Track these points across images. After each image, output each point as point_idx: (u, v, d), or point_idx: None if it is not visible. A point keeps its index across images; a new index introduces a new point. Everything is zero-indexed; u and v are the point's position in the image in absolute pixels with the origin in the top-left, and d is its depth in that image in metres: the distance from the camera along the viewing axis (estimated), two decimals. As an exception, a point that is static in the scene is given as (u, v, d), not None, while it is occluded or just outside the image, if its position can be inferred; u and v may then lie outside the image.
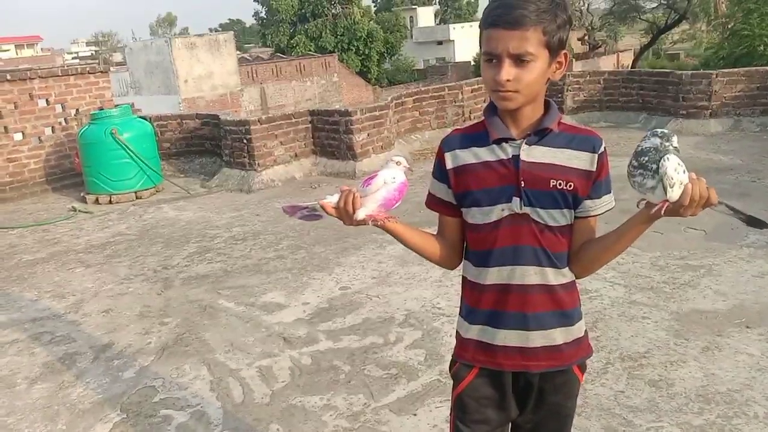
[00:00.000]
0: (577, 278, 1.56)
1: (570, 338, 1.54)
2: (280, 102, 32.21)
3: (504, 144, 1.47)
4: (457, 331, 1.64)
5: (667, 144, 1.30)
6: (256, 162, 7.20)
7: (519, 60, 1.37)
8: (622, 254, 1.28)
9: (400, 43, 44.98)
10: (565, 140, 1.48)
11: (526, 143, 1.46)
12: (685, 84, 8.35)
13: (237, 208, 6.45)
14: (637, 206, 1.40)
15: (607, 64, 36.47)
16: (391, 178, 1.47)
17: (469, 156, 1.51)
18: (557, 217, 1.47)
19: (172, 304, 4.20)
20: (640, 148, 1.33)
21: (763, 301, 3.57)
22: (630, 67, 32.13)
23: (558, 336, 1.52)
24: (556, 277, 1.50)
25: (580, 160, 1.46)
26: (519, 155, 1.45)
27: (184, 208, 6.65)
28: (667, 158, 1.28)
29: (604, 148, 1.49)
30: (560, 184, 1.45)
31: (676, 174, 1.28)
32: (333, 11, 42.81)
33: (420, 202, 1.64)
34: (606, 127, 9.07)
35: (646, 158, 1.31)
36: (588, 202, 1.49)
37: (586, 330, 1.60)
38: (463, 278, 1.61)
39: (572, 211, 1.49)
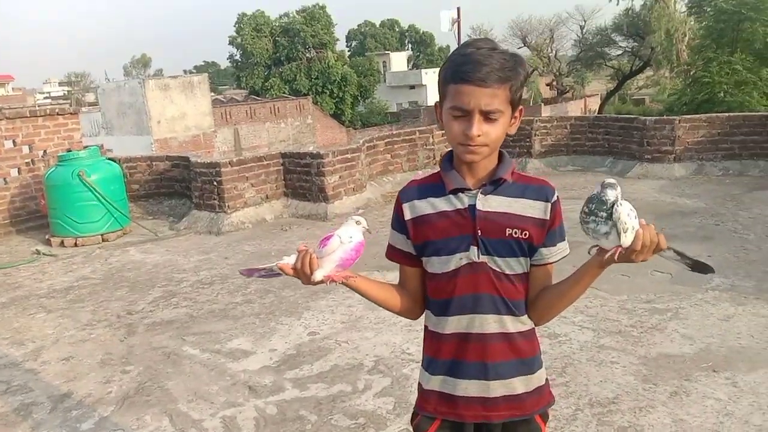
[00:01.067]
0: (536, 325, 1.57)
1: (531, 387, 1.54)
2: (254, 143, 32.30)
3: (460, 194, 1.49)
4: (419, 383, 1.62)
5: (603, 194, 1.34)
6: (226, 204, 7.14)
7: (488, 116, 1.40)
8: (590, 297, 1.30)
9: (374, 87, 45.71)
10: (519, 190, 1.50)
11: (481, 193, 1.48)
12: (649, 129, 8.57)
13: (205, 251, 6.37)
14: (589, 253, 1.43)
15: (574, 108, 37.43)
16: (347, 237, 1.47)
17: (426, 206, 1.52)
18: (513, 266, 1.49)
19: (135, 351, 4.09)
20: (589, 196, 1.38)
21: (728, 345, 3.60)
22: (597, 111, 33.05)
23: (518, 385, 1.51)
24: (515, 324, 1.51)
25: (534, 209, 1.49)
26: (475, 205, 1.47)
27: (151, 250, 6.54)
28: (621, 203, 1.32)
29: (557, 197, 1.52)
30: (516, 233, 1.47)
31: (629, 219, 1.32)
32: (307, 55, 43.43)
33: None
34: (573, 170, 9.24)
35: (594, 205, 1.35)
36: (543, 250, 1.50)
37: (547, 378, 1.60)
38: (425, 328, 1.60)
39: (528, 259, 1.51)
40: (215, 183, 7.17)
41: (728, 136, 8.34)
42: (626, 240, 1.32)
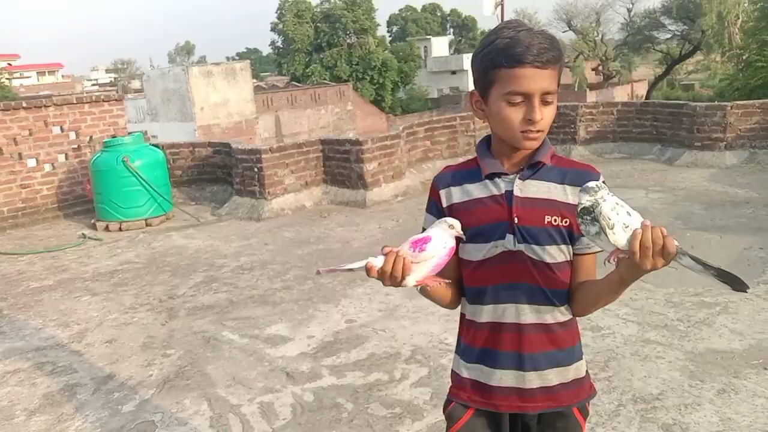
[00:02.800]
0: (576, 316, 1.50)
1: (568, 378, 1.48)
2: (295, 130, 32.50)
3: (497, 179, 1.44)
4: (452, 370, 1.58)
5: (591, 198, 1.24)
6: (267, 190, 7.19)
7: (545, 98, 1.35)
8: (635, 290, 1.23)
9: (414, 73, 45.39)
10: (559, 174, 1.44)
11: (519, 178, 1.43)
12: (699, 116, 8.27)
13: (246, 236, 6.43)
14: (604, 264, 1.33)
15: (621, 94, 36.52)
16: (443, 243, 1.37)
17: (462, 193, 1.48)
18: (554, 254, 1.43)
19: (176, 335, 4.15)
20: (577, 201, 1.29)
21: (781, 342, 3.45)
22: (644, 97, 32.18)
23: (555, 377, 1.47)
24: (554, 315, 1.46)
25: (575, 195, 1.40)
26: (512, 191, 1.42)
27: (193, 236, 6.64)
28: (604, 199, 1.22)
29: (603, 182, 1.44)
30: (555, 220, 1.41)
31: (614, 214, 1.20)
32: (348, 41, 43.37)
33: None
34: (620, 158, 9.00)
35: (579, 208, 1.25)
36: (585, 239, 1.43)
37: (587, 370, 1.54)
38: (461, 315, 1.56)
39: (570, 247, 1.44)
40: (256, 169, 7.22)
41: (784, 122, 7.99)
42: (616, 239, 1.20)
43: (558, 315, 1.46)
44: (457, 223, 1.37)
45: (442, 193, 1.50)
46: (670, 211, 6.22)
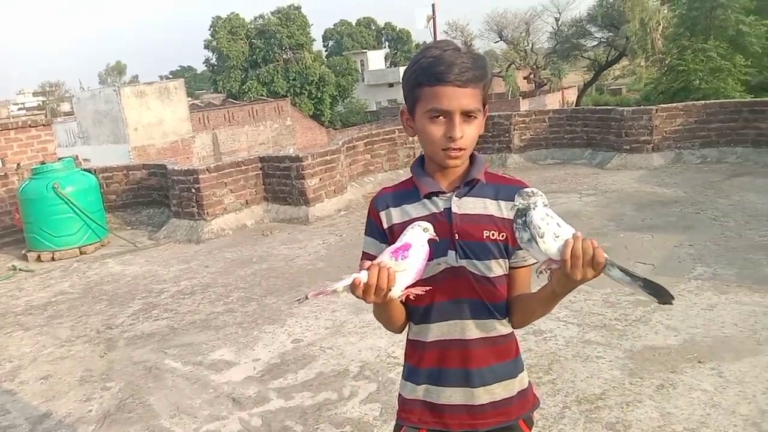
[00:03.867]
0: (514, 328, 1.53)
1: (514, 392, 1.51)
2: (233, 147, 32.04)
3: (434, 198, 1.47)
4: (399, 394, 1.58)
5: (526, 201, 1.27)
6: (205, 211, 7.05)
7: (467, 116, 1.38)
8: (574, 292, 1.25)
9: (352, 86, 45.60)
10: (493, 191, 1.48)
11: (456, 195, 1.45)
12: (627, 120, 8.61)
13: (185, 260, 6.28)
14: (537, 275, 1.35)
15: (552, 101, 37.61)
16: (422, 247, 1.34)
17: (402, 214, 1.49)
18: (493, 268, 1.46)
19: (116, 366, 4.00)
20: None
21: (713, 335, 3.61)
22: (575, 103, 33.25)
23: (502, 390, 1.49)
24: (497, 328, 1.49)
25: (508, 210, 1.45)
26: (450, 208, 1.44)
27: (131, 262, 6.43)
28: (534, 208, 1.26)
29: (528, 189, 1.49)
30: (493, 235, 1.45)
31: (544, 224, 1.24)
32: (284, 56, 43.19)
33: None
34: (553, 164, 9.25)
35: (513, 213, 1.30)
36: (520, 252, 1.47)
37: (529, 381, 1.57)
38: (407, 339, 1.56)
39: (507, 261, 1.48)
40: (193, 190, 7.07)
41: (705, 123, 8.40)
42: (546, 248, 1.24)
43: (500, 328, 1.49)
44: (429, 226, 1.37)
45: (382, 214, 1.51)
46: (604, 213, 6.43)
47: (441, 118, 1.38)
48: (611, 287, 4.45)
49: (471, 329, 1.46)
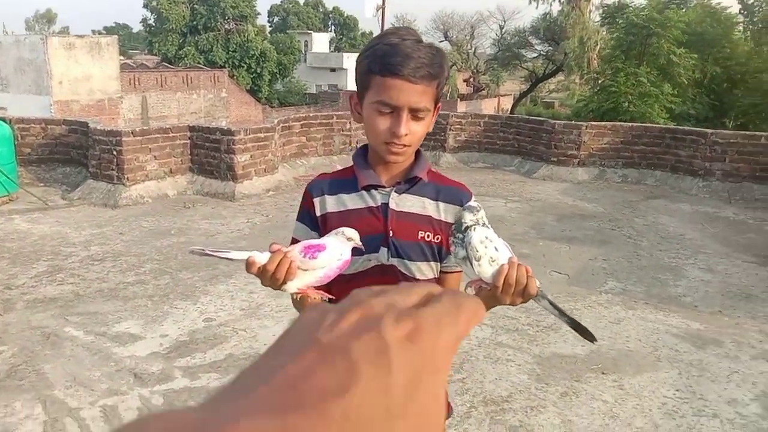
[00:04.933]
0: None
1: None
2: (163, 113, 30.91)
3: (373, 191, 1.42)
4: None
5: (473, 217, 1.24)
6: (126, 176, 6.75)
7: (416, 114, 1.32)
8: None
9: (293, 66, 44.85)
10: (434, 191, 1.44)
11: (395, 191, 1.41)
12: (557, 133, 8.85)
13: (99, 224, 5.98)
14: (464, 290, 1.29)
15: (488, 106, 38.32)
16: (338, 254, 1.28)
17: (337, 202, 1.43)
18: (424, 270, 1.42)
19: (11, 330, 3.76)
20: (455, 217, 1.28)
21: (617, 348, 3.75)
22: (510, 111, 34.01)
23: None
24: None
25: (447, 212, 1.43)
26: (388, 203, 1.40)
27: (39, 220, 6.07)
28: (475, 228, 1.22)
29: (474, 202, 1.46)
30: (428, 236, 1.41)
31: (482, 247, 1.21)
32: (226, 26, 41.98)
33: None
34: (484, 167, 9.42)
35: (454, 226, 1.27)
36: (452, 257, 1.44)
37: (446, 391, 1.55)
38: None
39: (439, 264, 1.45)
40: (115, 152, 6.75)
41: (630, 145, 8.75)
42: (481, 271, 1.21)
43: None
44: (355, 234, 1.29)
45: (316, 201, 1.45)
46: (526, 220, 6.59)
47: (388, 111, 1.32)
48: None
49: None
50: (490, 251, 1.21)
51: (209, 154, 7.25)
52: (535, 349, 3.71)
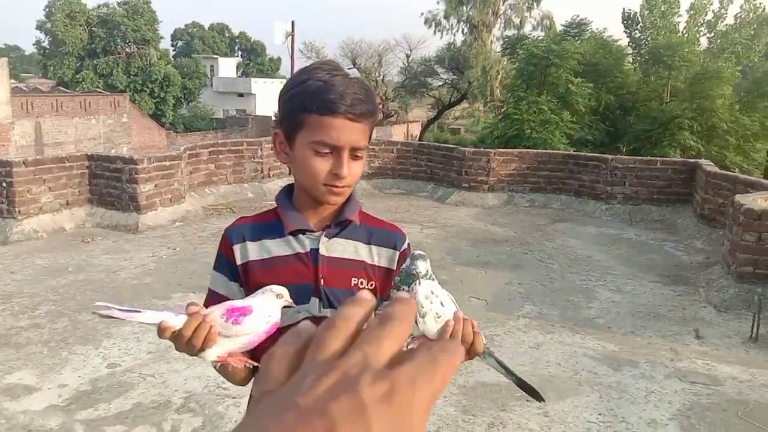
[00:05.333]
0: None
1: None
2: (59, 139, 29.23)
3: (301, 236, 1.29)
4: None
5: (413, 267, 1.14)
6: (17, 209, 6.23)
7: (355, 153, 1.23)
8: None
9: (199, 90, 43.88)
10: (366, 234, 1.34)
11: (325, 236, 1.30)
12: (467, 159, 9.04)
13: (-14, 263, 5.47)
14: (405, 347, 1.19)
15: (398, 132, 38.95)
16: (266, 317, 1.13)
17: (261, 249, 1.30)
18: None
19: None
20: (402, 266, 1.18)
21: (539, 373, 3.77)
22: (418, 137, 34.71)
23: None
24: None
25: (380, 257, 1.33)
26: (318, 249, 1.28)
27: None
28: (419, 282, 1.12)
29: (407, 245, 1.38)
30: (362, 283, 1.31)
31: (428, 303, 1.12)
32: (127, 50, 40.56)
33: (211, 263, 1.37)
34: (398, 194, 9.46)
35: (399, 278, 1.16)
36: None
37: None
38: (250, 396, 1.36)
39: (374, 312, 1.33)
40: (5, 184, 6.22)
41: (536, 170, 9.06)
42: (426, 328, 1.13)
43: None
44: (285, 292, 1.16)
45: (236, 248, 1.30)
46: (442, 246, 6.63)
47: (328, 152, 1.21)
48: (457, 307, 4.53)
49: None
50: (435, 307, 1.13)
51: (110, 184, 6.84)
52: (460, 380, 3.66)
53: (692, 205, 7.87)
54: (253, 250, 1.29)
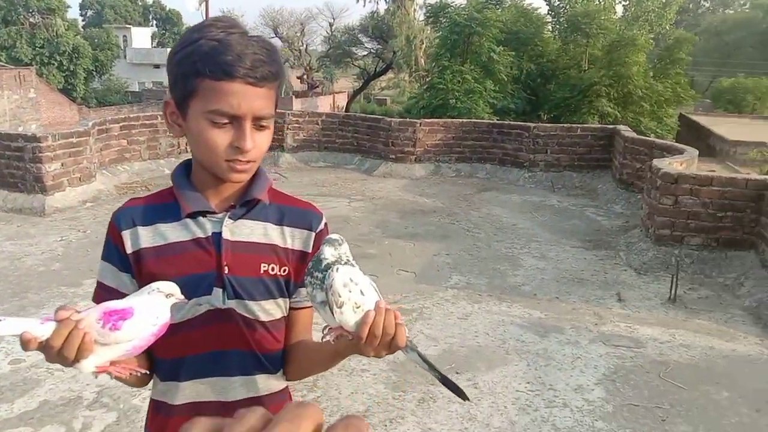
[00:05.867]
0: (288, 380, 1.27)
1: None
2: (-42, 117, 27.19)
3: (201, 218, 1.14)
4: None
5: (335, 252, 1.02)
6: None
7: (260, 123, 1.07)
8: None
9: (112, 62, 41.75)
10: (277, 213, 1.20)
11: (229, 217, 1.15)
12: (394, 130, 8.94)
13: None
14: (322, 335, 1.07)
15: (324, 103, 38.47)
16: (152, 320, 0.97)
17: (154, 235, 1.14)
18: (270, 310, 1.18)
19: None
20: (317, 252, 1.05)
21: (468, 344, 3.76)
22: (344, 108, 34.40)
23: None
24: (268, 384, 1.21)
25: (294, 238, 1.20)
26: (221, 233, 1.13)
27: None
28: (337, 269, 1.00)
29: (324, 224, 1.24)
30: (273, 269, 1.17)
31: (346, 292, 0.99)
32: (31, 20, 37.97)
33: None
34: (325, 167, 9.27)
35: (311, 265, 1.03)
36: (303, 290, 1.21)
37: None
38: (150, 400, 1.22)
39: (287, 300, 1.21)
40: None
41: (461, 140, 9.07)
42: (343, 319, 1.00)
43: (272, 384, 1.21)
44: (175, 288, 1.01)
45: (126, 234, 1.14)
46: (371, 219, 6.53)
47: (226, 122, 1.05)
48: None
49: (236, 388, 1.16)
50: (354, 296, 1.00)
51: (11, 164, 6.33)
52: (389, 356, 3.58)
53: (611, 170, 8.09)
54: (145, 236, 1.13)
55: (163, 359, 1.15)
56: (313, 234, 1.21)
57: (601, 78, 15.10)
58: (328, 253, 1.02)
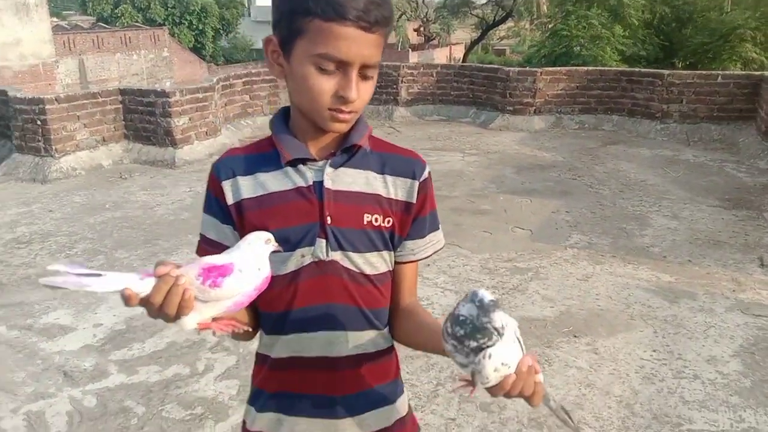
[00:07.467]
0: (396, 341, 1.21)
1: (392, 420, 1.19)
2: (103, 76, 29.48)
3: (301, 167, 1.07)
4: (243, 422, 1.23)
5: (485, 321, 0.87)
6: (54, 147, 6.21)
7: (366, 72, 1.00)
8: (453, 256, 1.04)
9: (237, 21, 43.29)
10: (378, 162, 1.11)
11: (330, 165, 1.07)
12: (512, 81, 8.57)
13: (26, 202, 5.49)
14: (454, 391, 0.97)
15: (440, 56, 37.87)
16: (252, 274, 0.93)
17: (255, 185, 1.09)
18: (375, 263, 1.11)
19: None
20: (457, 312, 0.90)
21: (588, 307, 3.56)
22: (461, 60, 33.63)
23: (375, 421, 1.16)
24: (375, 342, 1.15)
25: (397, 188, 1.11)
26: (322, 182, 1.07)
27: (-42, 201, 5.54)
28: (489, 355, 0.87)
29: (428, 173, 1.15)
30: (376, 220, 1.09)
31: (497, 375, 0.89)
32: (163, -19, 40.02)
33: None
34: (438, 120, 9.10)
35: (463, 332, 0.88)
36: (409, 243, 1.14)
37: (410, 405, 1.27)
38: (256, 353, 1.20)
39: (392, 254, 1.14)
40: (39, 122, 6.18)
41: (586, 90, 8.54)
42: (481, 377, 0.90)
43: (380, 341, 1.15)
44: (271, 236, 0.97)
45: (226, 185, 1.09)
46: (485, 174, 6.34)
47: (333, 68, 0.98)
48: (489, 252, 4.33)
49: (341, 344, 1.10)
50: (502, 372, 0.90)
51: (144, 118, 6.73)
52: (503, 314, 3.48)
53: (756, 122, 7.30)
54: (246, 187, 1.09)
55: (268, 312, 1.12)
56: (417, 183, 1.12)
57: (746, 20, 13.60)
58: (486, 321, 0.88)
